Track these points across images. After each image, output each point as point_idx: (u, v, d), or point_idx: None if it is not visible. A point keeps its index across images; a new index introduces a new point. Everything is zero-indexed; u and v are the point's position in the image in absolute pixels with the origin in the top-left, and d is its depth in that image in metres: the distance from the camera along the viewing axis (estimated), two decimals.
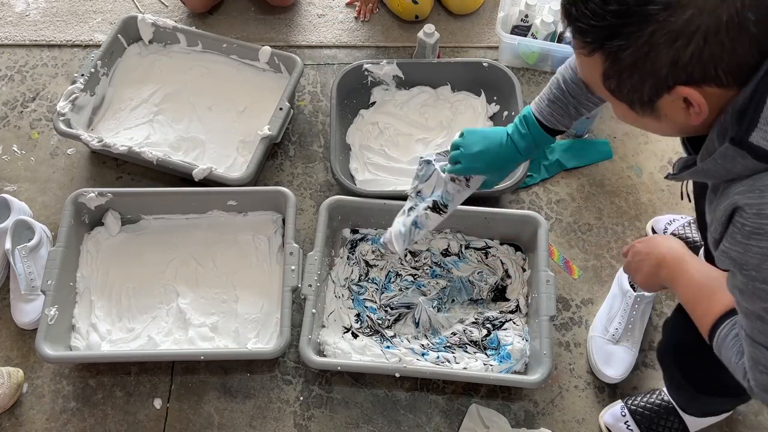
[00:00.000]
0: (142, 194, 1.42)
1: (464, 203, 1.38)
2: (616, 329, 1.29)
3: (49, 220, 1.48)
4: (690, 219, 1.43)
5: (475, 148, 1.05)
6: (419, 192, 1.14)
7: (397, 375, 1.22)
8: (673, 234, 1.41)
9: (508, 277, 1.38)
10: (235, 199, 1.41)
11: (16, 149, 1.60)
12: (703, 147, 0.71)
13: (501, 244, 1.42)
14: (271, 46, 1.60)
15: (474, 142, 1.06)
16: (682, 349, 1.06)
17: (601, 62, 0.68)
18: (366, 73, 1.59)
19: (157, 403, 1.29)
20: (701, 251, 1.35)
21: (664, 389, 1.23)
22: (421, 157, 1.13)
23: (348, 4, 1.83)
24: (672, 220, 1.43)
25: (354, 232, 1.43)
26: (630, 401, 1.23)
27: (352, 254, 1.41)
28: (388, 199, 1.38)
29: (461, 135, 1.08)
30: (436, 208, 1.12)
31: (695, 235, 1.39)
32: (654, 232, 1.45)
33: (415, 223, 1.14)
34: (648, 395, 1.23)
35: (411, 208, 1.15)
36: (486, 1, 1.84)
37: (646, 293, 1.29)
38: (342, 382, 1.31)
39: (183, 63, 1.65)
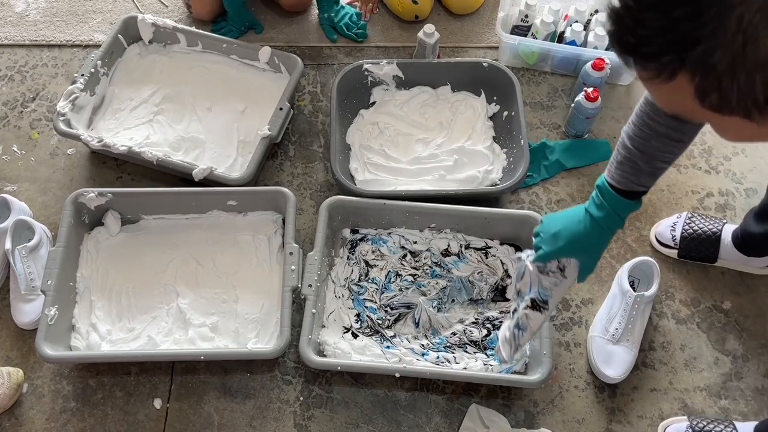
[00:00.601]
0: (142, 194, 1.42)
1: (464, 203, 1.39)
2: (616, 329, 1.29)
3: (49, 220, 1.48)
4: (688, 214, 1.43)
5: (554, 228, 1.00)
6: (519, 292, 1.08)
7: (397, 375, 1.22)
8: (683, 236, 1.40)
9: (508, 277, 1.38)
10: (235, 199, 1.41)
11: (16, 149, 1.60)
12: None
13: (501, 244, 1.42)
14: (271, 46, 1.60)
15: (552, 223, 1.01)
16: None
17: (689, 80, 0.56)
18: (366, 73, 1.59)
19: (157, 403, 1.29)
20: (727, 230, 1.37)
21: (739, 424, 1.19)
22: (516, 253, 1.09)
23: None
24: (674, 224, 1.43)
25: (354, 232, 1.43)
26: (697, 423, 1.20)
27: (352, 254, 1.41)
28: (388, 199, 1.38)
29: (541, 222, 1.04)
30: (536, 305, 1.05)
31: (706, 226, 1.39)
32: (659, 242, 1.44)
33: (518, 326, 1.08)
34: (718, 424, 1.20)
35: (514, 311, 1.09)
36: (486, 1, 1.84)
37: (646, 293, 1.29)
38: (342, 382, 1.31)
39: (183, 63, 1.65)
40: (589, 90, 1.48)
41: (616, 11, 0.59)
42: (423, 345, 1.30)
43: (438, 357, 1.27)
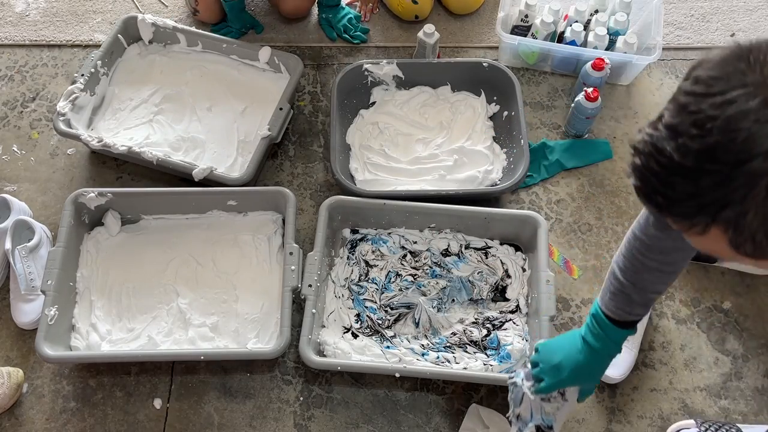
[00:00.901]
0: (142, 194, 1.42)
1: (464, 203, 1.39)
2: None
3: (49, 220, 1.48)
4: None
5: (555, 359, 1.00)
6: (519, 416, 1.07)
7: (397, 375, 1.22)
8: None
9: (508, 277, 1.38)
10: (235, 199, 1.41)
11: (16, 149, 1.60)
12: None
13: (501, 244, 1.42)
14: (271, 46, 1.60)
15: (551, 354, 1.01)
16: None
17: (722, 233, 0.56)
18: (366, 73, 1.59)
19: (157, 403, 1.29)
20: None
21: (743, 427, 1.19)
22: (509, 378, 1.08)
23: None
24: None
25: (354, 232, 1.43)
26: (707, 428, 1.19)
27: (352, 254, 1.41)
28: (388, 199, 1.38)
29: (536, 351, 1.04)
30: (541, 431, 1.05)
31: None
32: None
33: None
34: (729, 429, 1.19)
35: None
36: (486, 1, 1.84)
37: None
38: (342, 382, 1.31)
39: (183, 63, 1.65)
40: (589, 90, 1.48)
41: (640, 170, 0.58)
42: (423, 345, 1.30)
43: (438, 357, 1.27)
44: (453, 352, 1.28)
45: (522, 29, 1.68)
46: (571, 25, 1.62)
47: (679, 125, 0.55)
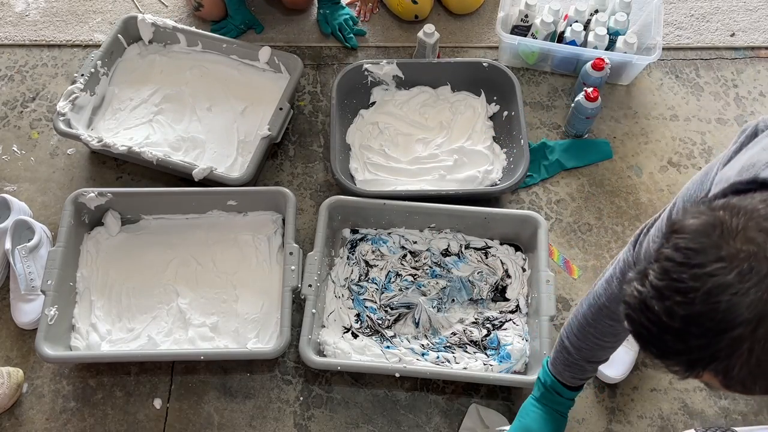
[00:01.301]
0: (142, 194, 1.42)
1: (464, 203, 1.39)
2: None
3: (49, 220, 1.48)
4: None
5: None
6: None
7: (397, 375, 1.22)
8: None
9: (508, 277, 1.38)
10: (235, 199, 1.41)
11: (16, 149, 1.60)
12: None
13: (501, 244, 1.42)
14: (271, 46, 1.60)
15: (528, 430, 1.07)
16: None
17: (714, 376, 0.60)
18: (366, 73, 1.59)
19: (157, 403, 1.29)
20: None
21: (742, 430, 1.19)
22: None
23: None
24: None
25: (354, 232, 1.43)
26: None
27: (352, 254, 1.41)
28: (388, 199, 1.38)
29: None
30: None
31: None
32: None
33: None
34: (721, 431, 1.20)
35: None
36: (486, 1, 1.84)
37: None
38: (342, 382, 1.31)
39: (183, 63, 1.65)
40: (589, 90, 1.48)
41: (632, 321, 0.61)
42: (423, 345, 1.30)
43: (438, 357, 1.27)
44: (453, 352, 1.28)
45: (522, 29, 1.68)
46: (571, 25, 1.62)
47: (664, 289, 0.58)
